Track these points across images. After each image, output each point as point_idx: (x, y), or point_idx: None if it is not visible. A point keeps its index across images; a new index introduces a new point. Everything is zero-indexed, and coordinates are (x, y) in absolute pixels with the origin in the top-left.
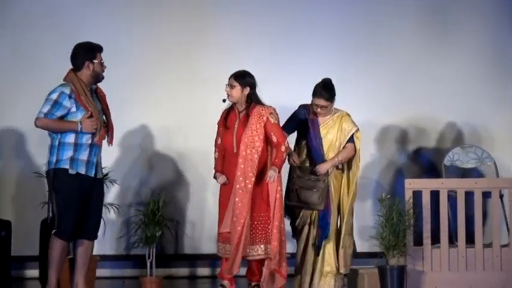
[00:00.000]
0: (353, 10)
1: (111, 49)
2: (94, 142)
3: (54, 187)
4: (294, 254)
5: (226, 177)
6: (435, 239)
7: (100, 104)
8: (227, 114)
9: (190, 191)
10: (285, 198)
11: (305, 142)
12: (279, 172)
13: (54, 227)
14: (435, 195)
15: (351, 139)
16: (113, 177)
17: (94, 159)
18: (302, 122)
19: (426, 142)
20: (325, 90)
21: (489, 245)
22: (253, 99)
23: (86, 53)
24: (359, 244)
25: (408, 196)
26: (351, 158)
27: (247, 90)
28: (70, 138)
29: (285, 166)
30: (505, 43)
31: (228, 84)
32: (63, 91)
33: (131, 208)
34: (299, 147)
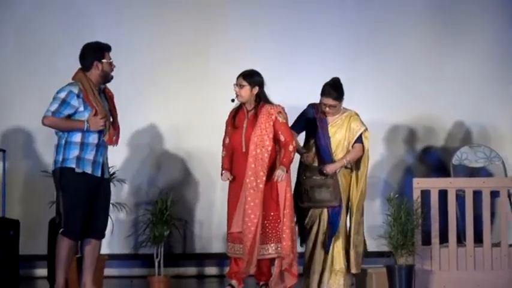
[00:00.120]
0: (362, 9)
1: (119, 48)
2: (101, 142)
3: (61, 186)
4: (302, 254)
5: (235, 176)
6: (443, 238)
7: (107, 104)
8: (235, 113)
9: (198, 191)
10: (297, 200)
11: (313, 141)
12: (287, 171)
13: (61, 226)
14: (443, 194)
15: (360, 139)
16: (122, 176)
17: (100, 159)
18: (310, 121)
19: (434, 141)
20: (333, 89)
21: (497, 245)
22: (261, 98)
23: (95, 53)
24: (367, 243)
25: (416, 195)
26: (360, 158)
27: (256, 89)
28: (77, 137)
29: (294, 165)
30: None
31: (237, 83)
32: (71, 90)
33: (139, 207)
34: (307, 146)
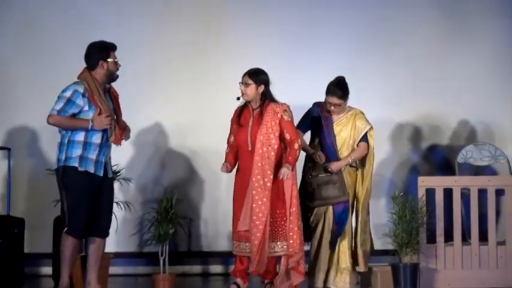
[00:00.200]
0: (366, 7)
1: (124, 47)
2: (104, 142)
3: (63, 185)
4: (307, 252)
5: (241, 175)
6: (448, 237)
7: (112, 104)
8: (241, 111)
9: (203, 189)
10: (306, 200)
11: (318, 140)
12: (292, 170)
13: (65, 225)
14: (448, 192)
15: (365, 137)
16: (127, 175)
17: (103, 159)
18: (316, 120)
19: (440, 139)
20: (338, 88)
21: (502, 243)
22: (267, 96)
23: (100, 52)
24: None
25: (421, 194)
26: (365, 156)
27: (261, 88)
28: (80, 136)
29: (299, 163)
30: None
31: (243, 82)
32: (76, 89)
33: (144, 206)
34: (313, 145)
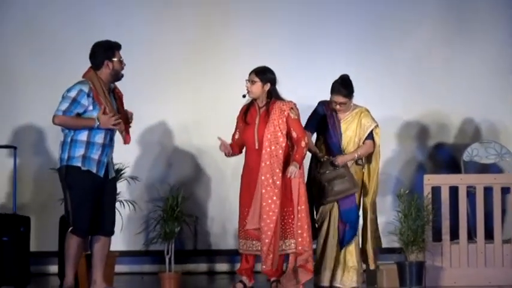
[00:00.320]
0: (371, 6)
1: (129, 46)
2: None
3: (67, 184)
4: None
5: (248, 173)
6: (454, 235)
7: (116, 104)
8: (247, 109)
9: (209, 187)
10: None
11: (324, 139)
12: (300, 168)
13: (69, 224)
14: (454, 191)
15: (370, 135)
16: (132, 173)
17: (105, 159)
18: (321, 119)
19: (445, 138)
20: (343, 86)
21: (508, 241)
22: (273, 94)
23: (105, 52)
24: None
25: (427, 192)
26: (371, 154)
27: (267, 86)
28: (83, 136)
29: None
30: None
31: (249, 79)
32: (82, 89)
33: (150, 204)
34: (319, 143)
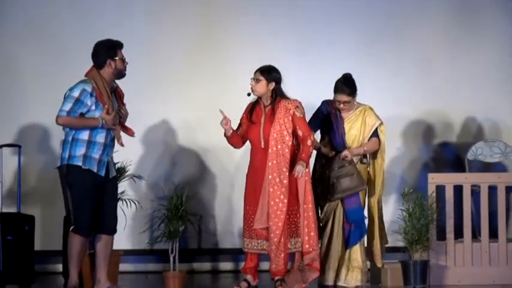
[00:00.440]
0: (376, 4)
1: (132, 45)
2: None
3: (67, 183)
4: None
5: (254, 172)
6: (458, 234)
7: (117, 104)
8: (252, 108)
9: (213, 186)
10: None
11: (328, 138)
12: (306, 167)
13: (71, 224)
14: (458, 189)
15: (375, 133)
16: (136, 172)
17: (105, 158)
18: (325, 118)
19: (450, 136)
20: (346, 85)
21: None
22: (278, 93)
23: (107, 51)
24: None
25: (431, 190)
26: (376, 152)
27: (272, 85)
28: (84, 135)
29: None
30: None
31: (254, 78)
32: (85, 88)
33: (154, 203)
34: (323, 143)
